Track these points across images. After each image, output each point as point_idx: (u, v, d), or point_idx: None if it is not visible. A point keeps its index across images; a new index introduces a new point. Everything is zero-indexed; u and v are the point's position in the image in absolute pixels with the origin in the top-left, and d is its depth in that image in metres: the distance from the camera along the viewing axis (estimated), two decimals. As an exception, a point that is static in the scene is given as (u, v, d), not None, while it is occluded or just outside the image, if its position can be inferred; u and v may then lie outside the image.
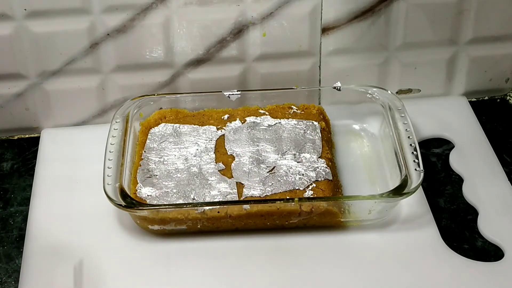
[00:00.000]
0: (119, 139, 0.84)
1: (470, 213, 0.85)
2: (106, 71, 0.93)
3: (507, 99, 1.03)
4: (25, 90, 0.93)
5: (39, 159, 0.92)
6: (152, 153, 0.86)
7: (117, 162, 0.81)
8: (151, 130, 0.89)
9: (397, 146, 0.83)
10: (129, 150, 0.84)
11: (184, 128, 0.89)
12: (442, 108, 0.99)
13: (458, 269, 0.77)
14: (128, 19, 0.89)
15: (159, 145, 0.87)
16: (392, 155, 0.84)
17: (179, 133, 0.88)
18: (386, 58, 0.96)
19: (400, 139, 0.84)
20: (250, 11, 0.90)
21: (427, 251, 0.79)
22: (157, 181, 0.82)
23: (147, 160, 0.85)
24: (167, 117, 0.91)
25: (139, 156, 0.86)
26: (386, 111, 0.88)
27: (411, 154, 0.81)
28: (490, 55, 0.99)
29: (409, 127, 0.85)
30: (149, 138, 0.88)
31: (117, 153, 0.82)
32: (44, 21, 0.88)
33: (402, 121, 0.86)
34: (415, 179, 0.78)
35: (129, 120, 0.87)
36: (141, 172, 0.83)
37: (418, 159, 0.80)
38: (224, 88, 0.95)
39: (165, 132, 0.88)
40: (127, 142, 0.84)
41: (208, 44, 0.92)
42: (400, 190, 0.78)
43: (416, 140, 0.83)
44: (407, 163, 0.80)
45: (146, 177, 0.83)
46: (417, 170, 0.79)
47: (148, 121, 0.90)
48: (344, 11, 0.91)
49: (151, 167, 0.84)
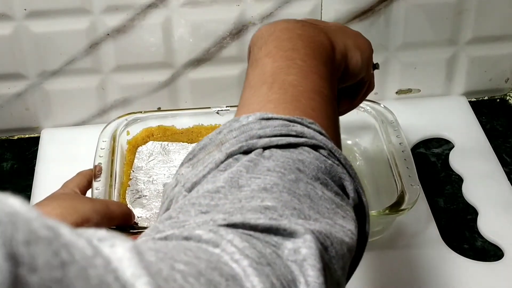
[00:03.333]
0: (107, 159, 0.80)
1: (470, 213, 0.85)
2: (106, 71, 0.93)
3: (507, 99, 1.03)
4: (25, 90, 0.93)
5: (39, 159, 0.92)
6: (141, 172, 0.83)
7: (105, 183, 0.77)
8: (138, 148, 0.86)
9: (392, 161, 0.80)
10: (117, 170, 0.80)
11: (172, 146, 0.86)
12: (442, 108, 0.99)
13: (458, 268, 0.77)
14: (128, 19, 0.89)
15: (147, 164, 0.84)
16: (387, 169, 0.81)
17: (168, 151, 0.86)
18: (386, 58, 0.97)
19: (394, 153, 0.81)
20: (250, 11, 0.90)
21: (427, 251, 0.79)
22: (147, 201, 0.80)
23: (136, 180, 0.82)
24: (155, 134, 0.87)
25: (127, 176, 0.83)
26: (379, 125, 0.86)
27: (406, 169, 0.78)
28: (490, 55, 0.99)
29: (403, 140, 0.82)
30: (137, 157, 0.85)
31: (105, 174, 0.78)
32: (44, 21, 0.88)
33: (396, 134, 0.83)
34: (412, 194, 0.75)
35: (116, 139, 0.83)
36: (130, 193, 0.81)
37: (413, 174, 0.78)
38: (224, 88, 0.95)
39: (153, 151, 0.86)
40: (114, 162, 0.80)
41: (208, 44, 0.92)
42: (396, 207, 0.74)
43: (410, 154, 0.80)
44: (402, 179, 0.77)
45: (135, 198, 0.80)
46: (413, 185, 0.76)
47: (135, 139, 0.87)
48: (344, 11, 0.91)
49: (140, 187, 0.82)
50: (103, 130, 0.84)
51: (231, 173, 0.43)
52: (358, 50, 0.60)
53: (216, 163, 0.44)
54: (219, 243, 0.37)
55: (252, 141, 0.45)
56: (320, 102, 0.50)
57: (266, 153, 0.44)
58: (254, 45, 0.55)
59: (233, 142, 0.45)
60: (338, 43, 0.57)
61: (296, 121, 0.46)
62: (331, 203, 0.43)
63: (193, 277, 0.32)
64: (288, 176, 0.43)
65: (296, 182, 0.43)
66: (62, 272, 0.25)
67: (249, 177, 0.43)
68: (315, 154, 0.45)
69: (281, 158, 0.44)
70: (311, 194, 0.43)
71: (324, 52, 0.55)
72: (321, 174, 0.44)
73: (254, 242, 0.38)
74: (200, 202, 0.41)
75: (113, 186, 0.78)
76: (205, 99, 0.96)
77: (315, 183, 0.44)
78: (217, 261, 0.35)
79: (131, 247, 0.30)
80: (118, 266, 0.29)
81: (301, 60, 0.52)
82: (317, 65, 0.53)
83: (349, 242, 0.42)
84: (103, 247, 0.29)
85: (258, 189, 0.42)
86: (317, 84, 0.51)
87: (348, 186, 0.46)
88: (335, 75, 0.56)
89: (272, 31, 0.55)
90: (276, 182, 0.42)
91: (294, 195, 0.42)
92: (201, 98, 0.96)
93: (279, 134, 0.45)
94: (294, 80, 0.50)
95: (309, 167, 0.44)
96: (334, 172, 0.45)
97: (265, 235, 0.39)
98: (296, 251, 0.38)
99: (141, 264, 0.30)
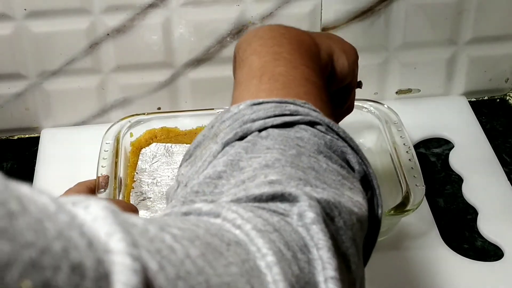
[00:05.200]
0: (110, 161, 0.80)
1: (470, 213, 0.85)
2: (106, 71, 0.93)
3: (507, 99, 1.03)
4: (25, 90, 0.93)
5: (39, 159, 0.92)
6: (144, 174, 0.83)
7: (109, 186, 0.77)
8: (142, 150, 0.86)
9: (396, 162, 0.80)
10: (121, 173, 0.80)
11: (176, 148, 0.86)
12: (442, 108, 0.99)
13: (458, 268, 0.77)
14: (128, 19, 0.89)
15: (151, 166, 0.84)
16: (391, 170, 0.81)
17: (171, 153, 0.86)
18: (386, 58, 0.97)
19: (398, 154, 0.81)
20: (250, 11, 0.90)
21: (427, 250, 0.79)
22: (151, 203, 0.80)
23: (140, 182, 0.82)
24: (158, 136, 0.88)
25: (131, 178, 0.83)
26: (383, 125, 0.86)
27: (410, 170, 0.78)
28: (490, 55, 0.99)
29: (407, 141, 0.82)
30: (140, 158, 0.85)
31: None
32: (44, 21, 0.88)
33: (400, 135, 0.83)
34: (416, 195, 0.75)
35: (120, 141, 0.83)
36: (134, 195, 0.81)
37: (417, 174, 0.78)
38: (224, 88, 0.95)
39: (156, 152, 0.86)
40: (118, 164, 0.80)
41: (208, 44, 0.92)
42: (402, 208, 0.74)
43: (415, 154, 0.80)
44: (407, 179, 0.77)
45: (139, 200, 0.80)
46: (418, 186, 0.76)
47: (139, 141, 0.87)
48: (344, 11, 0.91)
49: (144, 189, 0.82)
50: (106, 132, 0.84)
51: (230, 156, 0.42)
52: (344, 54, 0.59)
53: (214, 154, 0.43)
54: (220, 212, 0.36)
55: (246, 126, 0.44)
56: (311, 88, 0.49)
57: (262, 133, 0.43)
58: (239, 48, 0.56)
59: (227, 131, 0.44)
60: (323, 44, 0.57)
61: (289, 101, 0.46)
62: (337, 175, 0.42)
63: (186, 240, 0.31)
64: (289, 151, 0.42)
65: (298, 156, 0.42)
66: (9, 222, 0.24)
67: (249, 157, 0.42)
68: (313, 130, 0.44)
69: (279, 137, 0.43)
70: (315, 166, 0.42)
71: (309, 49, 0.54)
72: (323, 148, 0.43)
73: (259, 212, 0.37)
74: (204, 190, 0.40)
75: (117, 189, 0.78)
76: (205, 99, 0.96)
77: (318, 156, 0.43)
78: (218, 229, 0.34)
79: (106, 206, 0.29)
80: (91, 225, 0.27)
81: (288, 53, 0.52)
82: (304, 58, 0.52)
83: (358, 212, 0.41)
84: (78, 209, 0.28)
85: (260, 166, 0.41)
86: (306, 74, 0.50)
87: (351, 159, 0.45)
88: (323, 71, 0.55)
89: (255, 33, 0.56)
90: (278, 157, 0.41)
91: (298, 168, 0.41)
92: (201, 98, 0.96)
93: (273, 115, 0.44)
94: (283, 71, 0.50)
95: (308, 143, 0.43)
96: (335, 146, 0.44)
97: (271, 203, 0.38)
98: (302, 215, 0.37)
99: (116, 221, 0.28)
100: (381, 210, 0.47)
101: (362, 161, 0.46)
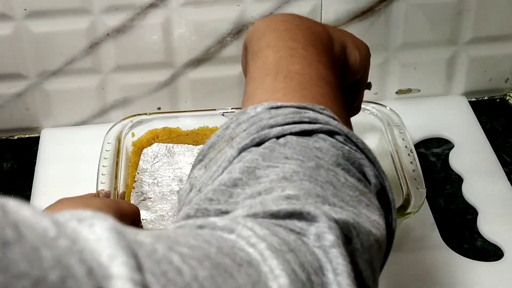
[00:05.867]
0: (111, 161, 0.80)
1: (470, 213, 0.85)
2: (106, 71, 0.93)
3: (507, 99, 1.03)
4: (25, 90, 0.93)
5: (39, 159, 0.92)
6: (146, 174, 0.83)
7: (110, 186, 0.77)
8: (143, 150, 0.86)
9: (397, 164, 0.80)
10: (122, 173, 0.80)
11: (177, 148, 0.86)
12: (442, 108, 0.99)
13: (458, 268, 0.77)
14: (128, 19, 0.89)
15: (152, 166, 0.84)
16: (392, 172, 0.81)
17: (173, 153, 0.86)
18: (386, 58, 0.97)
19: (400, 156, 0.80)
20: (250, 11, 0.90)
21: (427, 250, 0.79)
22: (151, 204, 0.80)
23: (141, 182, 0.82)
24: (160, 136, 0.87)
25: (132, 178, 0.83)
26: (385, 127, 0.85)
27: (412, 172, 0.78)
28: (490, 55, 0.99)
29: (409, 143, 0.82)
30: (141, 158, 0.85)
31: (109, 176, 0.79)
32: (44, 21, 0.88)
33: (401, 137, 0.83)
34: (417, 197, 0.75)
35: (121, 141, 0.83)
36: (134, 195, 0.80)
37: (418, 176, 0.77)
38: (224, 88, 0.95)
39: (158, 153, 0.85)
40: (119, 164, 0.81)
41: (208, 44, 0.92)
42: (402, 210, 0.74)
43: (416, 157, 0.80)
44: (408, 182, 0.77)
45: (140, 200, 0.80)
46: (419, 188, 0.76)
47: (140, 141, 0.87)
48: (344, 11, 0.91)
49: (145, 189, 0.81)
50: (108, 132, 0.84)
51: (247, 162, 0.41)
52: (356, 48, 0.59)
53: (229, 160, 0.42)
54: (235, 228, 0.34)
55: (263, 132, 0.43)
56: (327, 89, 0.48)
57: (281, 140, 0.42)
58: (252, 38, 0.54)
59: (243, 136, 0.43)
60: (336, 36, 0.57)
61: (307, 107, 0.45)
62: (354, 190, 0.41)
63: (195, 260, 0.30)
64: (308, 163, 0.41)
65: (317, 169, 0.41)
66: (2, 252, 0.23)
67: (266, 165, 0.40)
68: (332, 140, 0.43)
69: (298, 146, 0.42)
70: (333, 181, 0.41)
71: (323, 42, 0.54)
72: (341, 160, 0.42)
73: (276, 229, 0.36)
74: (219, 198, 0.39)
75: (118, 188, 0.78)
76: (205, 99, 0.96)
77: (336, 169, 0.42)
78: (231, 247, 0.33)
79: (111, 226, 0.28)
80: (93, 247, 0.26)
81: (303, 49, 0.51)
82: (319, 54, 0.51)
83: (376, 233, 0.40)
84: (82, 228, 0.27)
85: (277, 178, 0.39)
86: (322, 72, 0.49)
87: (368, 172, 0.44)
88: (337, 65, 0.55)
89: (269, 23, 0.54)
90: (296, 169, 0.40)
91: (316, 183, 0.40)
92: (201, 98, 0.96)
93: (291, 122, 0.43)
94: (299, 69, 0.49)
95: (327, 154, 0.42)
96: (353, 158, 0.43)
97: (288, 221, 0.37)
98: (320, 236, 0.36)
99: (120, 243, 0.27)
100: (395, 224, 0.46)
101: (379, 174, 0.45)
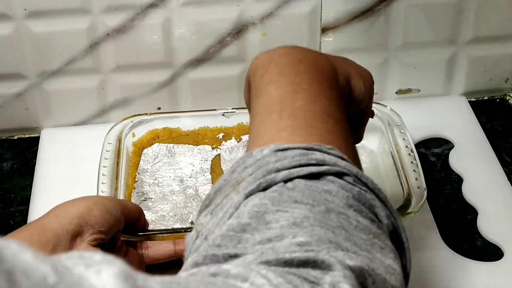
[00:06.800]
0: (112, 161, 0.80)
1: (470, 213, 0.85)
2: (106, 71, 0.93)
3: (507, 99, 1.03)
4: (25, 90, 0.93)
5: (39, 159, 0.92)
6: (146, 174, 0.83)
7: (111, 186, 0.77)
8: (144, 150, 0.86)
9: (398, 164, 0.80)
10: (122, 173, 0.80)
11: (178, 148, 0.86)
12: (442, 108, 0.99)
13: (458, 268, 0.77)
14: (128, 19, 0.89)
15: (152, 166, 0.84)
16: (393, 172, 0.81)
17: (173, 153, 0.86)
18: (386, 58, 0.97)
19: (401, 156, 0.81)
20: (250, 11, 0.90)
21: (427, 250, 0.79)
22: (152, 204, 0.80)
23: (141, 182, 0.82)
24: (160, 136, 0.87)
25: (132, 179, 0.83)
26: (385, 127, 0.86)
27: (413, 172, 0.78)
28: (490, 55, 0.99)
29: (409, 143, 0.82)
30: (142, 159, 0.85)
31: (110, 176, 0.79)
32: (44, 21, 0.88)
33: (402, 137, 0.83)
34: (418, 197, 0.75)
35: (122, 141, 0.83)
36: (135, 195, 0.80)
37: (419, 176, 0.78)
38: (224, 88, 0.95)
39: (158, 153, 0.86)
40: (120, 164, 0.81)
41: (208, 44, 0.92)
42: (403, 210, 0.74)
43: (417, 157, 0.80)
44: (409, 182, 0.77)
45: (141, 200, 0.80)
46: (420, 188, 0.76)
47: (141, 141, 0.87)
48: (344, 11, 0.91)
49: (146, 189, 0.81)
50: (108, 132, 0.84)
51: (256, 207, 0.40)
52: (361, 78, 0.58)
53: (236, 206, 0.41)
54: (248, 276, 0.33)
55: (270, 176, 0.41)
56: (334, 125, 0.47)
57: (288, 184, 0.41)
58: (255, 74, 0.53)
59: (249, 180, 0.42)
60: (340, 67, 0.56)
61: (314, 148, 0.43)
62: (367, 233, 0.40)
63: None
64: (318, 207, 0.40)
65: (327, 213, 0.40)
66: None
67: (275, 210, 0.39)
68: (340, 182, 0.42)
69: (306, 190, 0.41)
70: (345, 225, 0.40)
71: (328, 75, 0.52)
72: (352, 201, 0.41)
73: (290, 278, 0.34)
74: (227, 244, 0.38)
75: (119, 189, 0.78)
76: (205, 99, 0.96)
77: (347, 211, 0.40)
78: None
79: (120, 272, 0.27)
80: None
81: (307, 84, 0.50)
82: (324, 89, 0.50)
83: (391, 280, 0.39)
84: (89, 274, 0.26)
85: (288, 224, 0.38)
86: (327, 107, 0.48)
87: (380, 212, 0.43)
88: (342, 98, 0.54)
89: (271, 58, 0.53)
90: (306, 215, 0.39)
91: (327, 228, 0.39)
92: (201, 98, 0.96)
93: (298, 165, 0.42)
94: (303, 105, 0.47)
95: (337, 196, 0.41)
96: (363, 199, 0.42)
97: (302, 269, 0.36)
98: (335, 286, 0.35)
99: None
100: (410, 265, 0.45)
101: (391, 214, 0.44)
